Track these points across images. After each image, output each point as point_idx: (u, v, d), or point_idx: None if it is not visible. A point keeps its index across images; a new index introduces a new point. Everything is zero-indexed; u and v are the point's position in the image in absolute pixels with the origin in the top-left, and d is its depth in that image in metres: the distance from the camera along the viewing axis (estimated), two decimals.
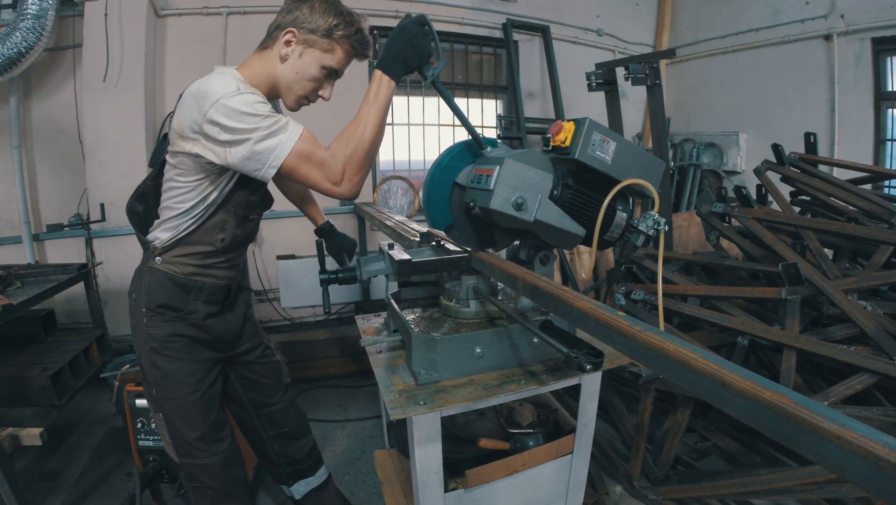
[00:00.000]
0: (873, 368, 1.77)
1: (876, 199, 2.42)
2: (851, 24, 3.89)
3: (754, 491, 1.81)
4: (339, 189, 1.17)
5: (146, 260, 1.37)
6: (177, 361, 1.37)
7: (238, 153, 1.12)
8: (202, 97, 1.10)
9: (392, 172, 4.58)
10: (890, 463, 0.30)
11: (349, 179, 1.17)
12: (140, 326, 1.37)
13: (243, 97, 1.10)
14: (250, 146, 1.10)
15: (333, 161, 1.15)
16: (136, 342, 1.40)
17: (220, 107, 1.08)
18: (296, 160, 1.12)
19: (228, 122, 1.08)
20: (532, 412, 1.59)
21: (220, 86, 1.10)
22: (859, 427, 0.32)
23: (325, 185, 1.16)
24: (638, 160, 1.26)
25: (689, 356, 0.51)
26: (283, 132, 1.11)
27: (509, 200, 1.17)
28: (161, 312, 1.35)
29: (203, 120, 1.10)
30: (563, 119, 4.56)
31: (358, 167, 1.17)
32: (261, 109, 1.10)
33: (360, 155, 1.17)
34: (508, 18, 4.55)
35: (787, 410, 0.36)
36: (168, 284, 1.35)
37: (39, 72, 3.34)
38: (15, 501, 1.76)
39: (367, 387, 3.13)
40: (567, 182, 1.25)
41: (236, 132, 1.09)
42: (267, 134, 1.10)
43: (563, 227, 1.22)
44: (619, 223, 1.30)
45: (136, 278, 1.39)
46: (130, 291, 1.40)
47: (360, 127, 1.17)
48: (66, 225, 3.38)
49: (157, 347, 1.35)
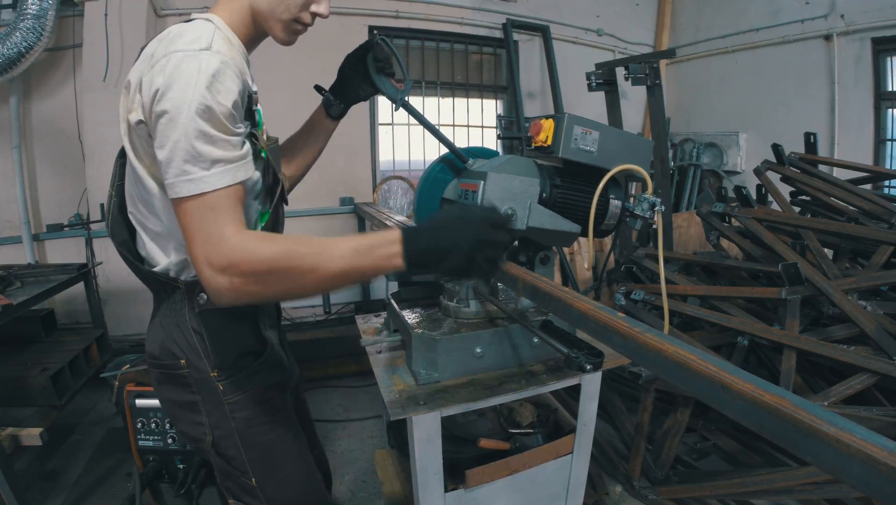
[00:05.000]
0: (873, 368, 1.77)
1: (876, 199, 2.42)
2: (851, 24, 3.89)
3: (754, 491, 1.81)
4: (212, 279, 0.77)
5: (176, 306, 0.98)
6: (279, 424, 1.05)
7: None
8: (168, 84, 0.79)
9: (392, 172, 4.58)
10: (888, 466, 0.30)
11: (233, 283, 0.77)
12: (213, 401, 0.99)
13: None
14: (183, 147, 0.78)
15: (236, 245, 0.77)
16: (197, 427, 1.00)
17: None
18: (199, 206, 0.78)
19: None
20: (532, 412, 1.59)
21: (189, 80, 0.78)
22: (858, 430, 0.32)
23: (200, 261, 0.78)
24: (624, 144, 1.23)
25: (689, 358, 0.51)
26: (222, 165, 0.80)
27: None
28: (241, 367, 1.00)
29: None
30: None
31: (259, 285, 0.78)
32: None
33: (277, 283, 0.79)
34: (508, 18, 4.55)
35: (786, 413, 0.36)
36: (233, 322, 1.00)
37: (39, 72, 3.34)
38: (15, 501, 1.76)
39: (367, 387, 3.13)
40: (555, 182, 1.23)
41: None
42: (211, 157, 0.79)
43: (557, 229, 1.21)
44: (614, 212, 1.28)
45: (171, 336, 0.98)
46: (161, 356, 0.99)
47: (313, 258, 0.79)
48: (66, 225, 3.38)
49: (251, 418, 1.00)
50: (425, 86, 4.55)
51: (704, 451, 2.29)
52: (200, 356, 0.97)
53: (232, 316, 0.99)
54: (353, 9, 3.98)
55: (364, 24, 4.11)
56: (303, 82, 1.74)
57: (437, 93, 4.63)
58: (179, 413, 1.03)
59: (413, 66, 4.46)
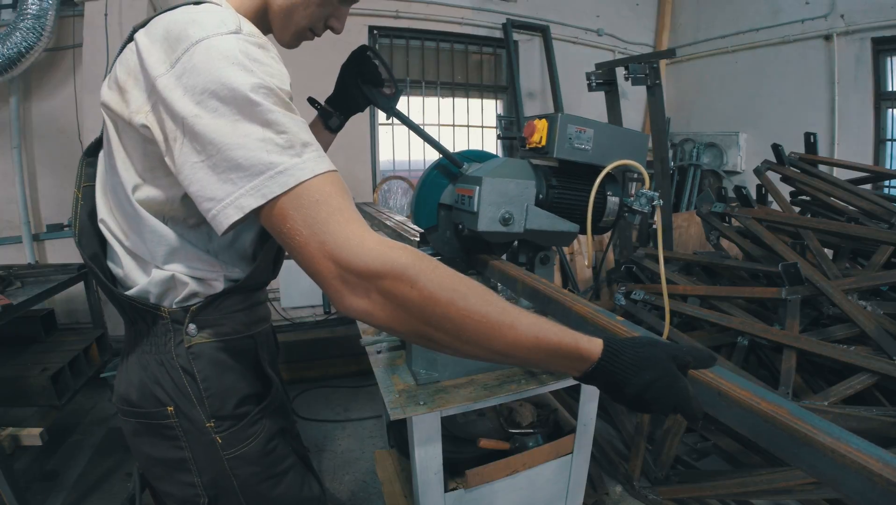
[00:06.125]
0: (873, 368, 1.77)
1: (876, 199, 2.42)
2: (851, 24, 3.89)
3: (754, 491, 1.81)
4: (348, 295, 0.58)
5: (159, 340, 0.80)
6: (286, 473, 0.90)
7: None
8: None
9: (392, 172, 4.58)
10: (883, 478, 0.30)
11: (370, 293, 0.58)
12: (208, 458, 0.82)
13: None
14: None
15: (374, 248, 0.58)
16: (186, 488, 0.83)
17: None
18: (300, 202, 0.59)
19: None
20: (532, 412, 1.59)
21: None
22: (854, 440, 0.32)
23: (324, 271, 0.58)
24: (619, 140, 1.22)
25: None
26: (314, 148, 0.63)
27: (496, 218, 1.14)
28: (242, 415, 0.83)
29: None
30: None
31: (401, 296, 0.57)
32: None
33: (435, 300, 0.57)
34: (508, 18, 4.54)
35: (783, 422, 0.36)
36: (232, 359, 0.85)
37: (39, 72, 3.34)
38: (15, 501, 1.76)
39: (367, 387, 3.13)
40: (551, 183, 1.22)
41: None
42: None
43: (555, 229, 1.21)
44: (612, 208, 1.27)
45: (154, 378, 0.80)
46: (140, 402, 0.81)
47: (502, 309, 0.60)
48: (66, 225, 3.38)
49: (257, 474, 0.86)
50: (425, 86, 4.55)
51: (704, 451, 2.29)
52: (193, 403, 0.79)
53: (229, 352, 0.84)
54: (353, 8, 3.93)
55: (364, 24, 4.11)
56: (303, 82, 1.74)
57: (437, 93, 4.63)
58: (163, 472, 0.84)
59: (413, 66, 4.46)
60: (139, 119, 0.67)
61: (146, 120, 0.66)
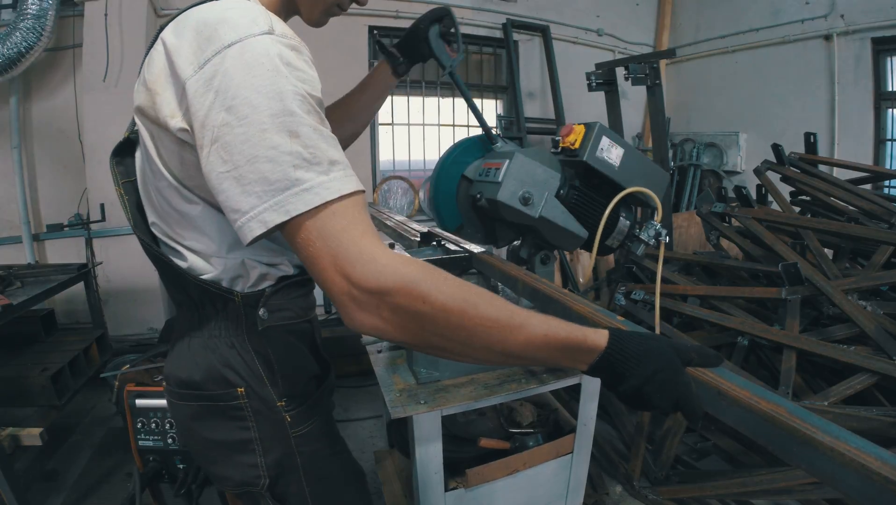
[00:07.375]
0: (873, 368, 1.77)
1: (876, 199, 2.43)
2: (851, 24, 3.89)
3: (754, 491, 1.82)
4: (357, 309, 0.59)
5: (230, 323, 0.81)
6: (340, 452, 0.95)
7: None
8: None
9: (392, 172, 4.59)
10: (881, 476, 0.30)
11: (380, 310, 0.58)
12: (277, 436, 0.84)
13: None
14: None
15: (386, 265, 0.58)
16: (248, 469, 0.84)
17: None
18: (321, 222, 0.59)
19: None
20: (532, 412, 1.59)
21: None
22: (853, 439, 0.33)
23: (337, 289, 0.59)
24: (644, 169, 1.29)
25: None
26: (341, 168, 0.62)
27: (516, 194, 1.19)
28: (308, 394, 0.88)
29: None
30: (563, 120, 4.55)
31: (413, 312, 0.58)
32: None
33: (442, 313, 0.58)
34: (508, 18, 4.55)
35: (782, 421, 0.36)
36: (299, 342, 0.89)
37: (39, 72, 3.34)
38: (15, 501, 1.76)
39: (367, 387, 3.13)
40: (574, 183, 1.27)
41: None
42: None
43: (566, 227, 1.25)
44: (622, 230, 1.33)
45: (224, 360, 0.81)
46: (206, 384, 0.81)
47: (511, 312, 0.60)
48: (66, 225, 3.38)
49: (319, 451, 0.89)
50: (425, 86, 4.55)
51: (704, 451, 2.29)
52: (265, 383, 0.81)
53: (295, 335, 0.87)
54: (354, 8, 3.95)
55: (364, 24, 4.11)
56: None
57: (436, 93, 4.63)
58: (221, 455, 0.85)
59: (413, 66, 4.46)
60: (175, 123, 0.65)
61: (182, 123, 0.65)
